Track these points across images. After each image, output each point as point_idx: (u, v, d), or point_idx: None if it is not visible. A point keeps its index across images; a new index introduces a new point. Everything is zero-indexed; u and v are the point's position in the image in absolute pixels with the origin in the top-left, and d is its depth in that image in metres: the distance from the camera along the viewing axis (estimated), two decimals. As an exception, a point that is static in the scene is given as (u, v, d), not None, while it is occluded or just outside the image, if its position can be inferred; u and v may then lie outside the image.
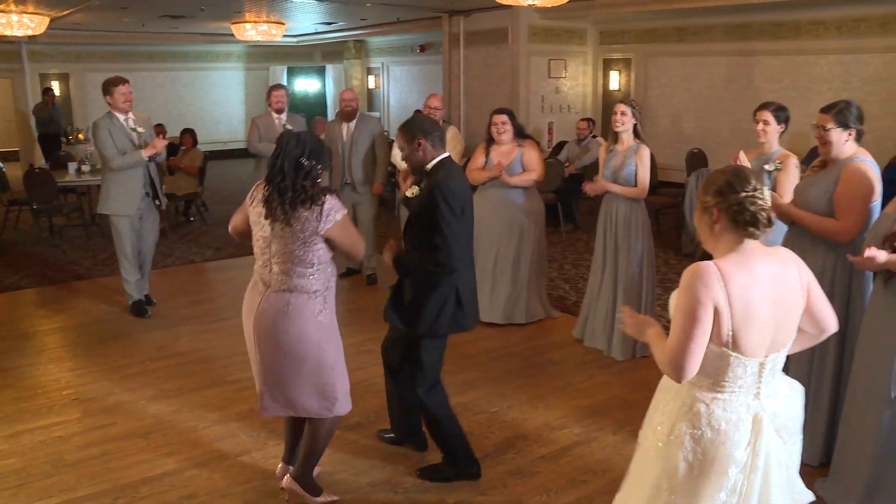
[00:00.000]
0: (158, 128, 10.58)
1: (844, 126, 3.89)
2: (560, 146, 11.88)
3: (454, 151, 7.04)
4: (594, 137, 11.09)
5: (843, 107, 3.91)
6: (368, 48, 18.65)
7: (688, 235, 8.65)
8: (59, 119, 15.58)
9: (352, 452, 4.37)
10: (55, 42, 16.11)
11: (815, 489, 3.83)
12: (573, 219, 10.43)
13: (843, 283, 3.99)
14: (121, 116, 6.41)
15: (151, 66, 18.38)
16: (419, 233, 3.77)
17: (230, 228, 3.84)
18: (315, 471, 3.95)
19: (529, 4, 8.72)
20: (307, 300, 3.54)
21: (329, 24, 16.10)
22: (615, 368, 5.59)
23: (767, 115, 4.73)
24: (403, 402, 4.26)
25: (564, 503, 3.90)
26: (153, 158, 6.54)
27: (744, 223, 2.38)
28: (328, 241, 3.52)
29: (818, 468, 4.03)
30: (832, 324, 2.61)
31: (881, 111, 9.72)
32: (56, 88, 16.80)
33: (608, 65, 13.25)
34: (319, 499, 3.84)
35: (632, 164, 5.55)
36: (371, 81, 18.73)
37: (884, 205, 3.67)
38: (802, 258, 3.83)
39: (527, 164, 6.26)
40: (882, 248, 3.36)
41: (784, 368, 2.65)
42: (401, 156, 4.00)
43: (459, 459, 4.09)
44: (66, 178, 10.44)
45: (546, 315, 6.66)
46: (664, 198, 9.95)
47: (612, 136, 5.77)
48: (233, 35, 14.83)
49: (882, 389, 3.48)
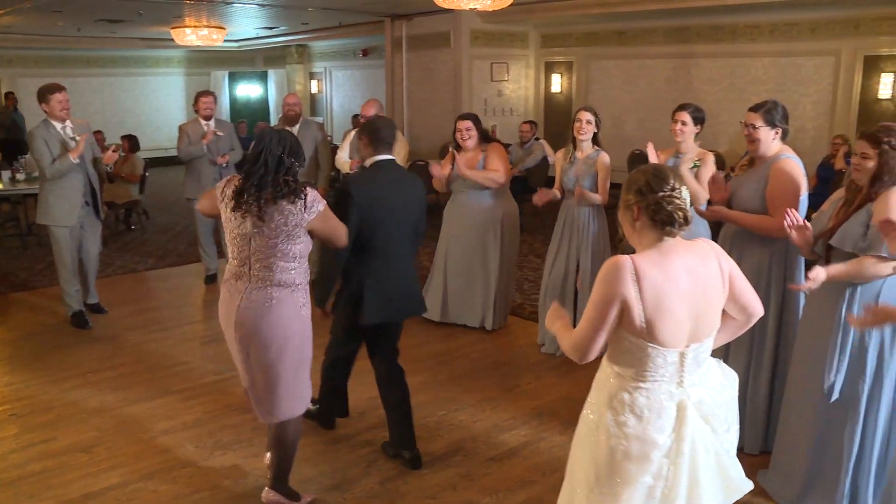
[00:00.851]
0: (97, 135, 10.36)
1: (772, 125, 4.05)
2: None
3: (399, 156, 7.02)
4: (537, 140, 11.20)
5: (771, 106, 4.07)
6: (311, 53, 18.56)
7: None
8: (23, 124, 14.91)
9: (301, 458, 4.34)
10: (-16, 46, 15.70)
11: (757, 480, 3.95)
12: (518, 221, 10.47)
13: (779, 278, 4.12)
14: (57, 125, 6.24)
15: (88, 72, 18.01)
16: None
17: (199, 207, 3.80)
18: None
19: (471, 8, 8.75)
20: (290, 294, 3.53)
21: (271, 29, 15.99)
22: (563, 369, 5.64)
23: (685, 116, 4.93)
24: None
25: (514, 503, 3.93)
26: (97, 166, 6.44)
27: (661, 222, 2.47)
28: (311, 233, 3.54)
29: (758, 456, 4.16)
30: (758, 308, 2.71)
31: (814, 111, 10.03)
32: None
33: (550, 68, 13.39)
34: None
35: (593, 172, 5.53)
36: (314, 86, 18.64)
37: (819, 202, 3.78)
38: (740, 256, 3.95)
39: (488, 167, 6.16)
40: (816, 247, 3.50)
41: (725, 360, 2.73)
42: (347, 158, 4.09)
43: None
44: (0, 187, 10.14)
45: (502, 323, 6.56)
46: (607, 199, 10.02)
47: (573, 144, 5.68)
48: (172, 40, 14.60)
49: (818, 383, 3.58)
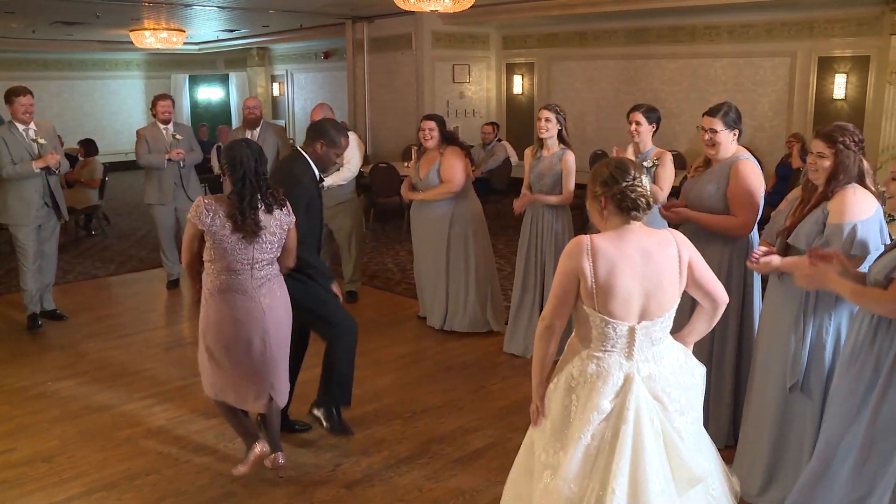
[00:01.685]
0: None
1: (731, 127, 4.13)
2: (466, 150, 11.99)
3: (354, 158, 7.04)
4: (499, 141, 11.26)
5: (728, 109, 4.15)
6: (272, 55, 18.45)
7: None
8: None
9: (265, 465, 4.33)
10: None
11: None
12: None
13: (739, 275, 4.22)
14: (21, 127, 6.29)
15: (45, 75, 17.70)
16: None
17: (185, 265, 3.93)
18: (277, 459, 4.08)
19: (432, 10, 8.77)
20: (281, 281, 3.99)
21: (231, 32, 15.87)
22: (528, 369, 5.58)
23: (639, 116, 4.98)
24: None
25: (481, 504, 3.95)
26: (50, 171, 6.38)
27: (626, 208, 2.72)
28: (289, 232, 3.91)
29: (723, 450, 4.22)
30: (722, 295, 2.90)
31: (771, 111, 10.20)
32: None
33: (511, 69, 13.45)
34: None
35: (558, 170, 5.55)
36: (275, 89, 18.52)
37: (778, 201, 3.86)
38: (702, 252, 4.08)
39: (441, 174, 6.11)
40: (776, 244, 3.56)
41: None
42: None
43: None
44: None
45: (491, 326, 6.44)
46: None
47: (538, 143, 5.71)
48: (132, 42, 14.44)
49: (779, 378, 3.64)
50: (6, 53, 16.73)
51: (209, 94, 20.19)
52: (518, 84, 13.30)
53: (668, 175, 5.01)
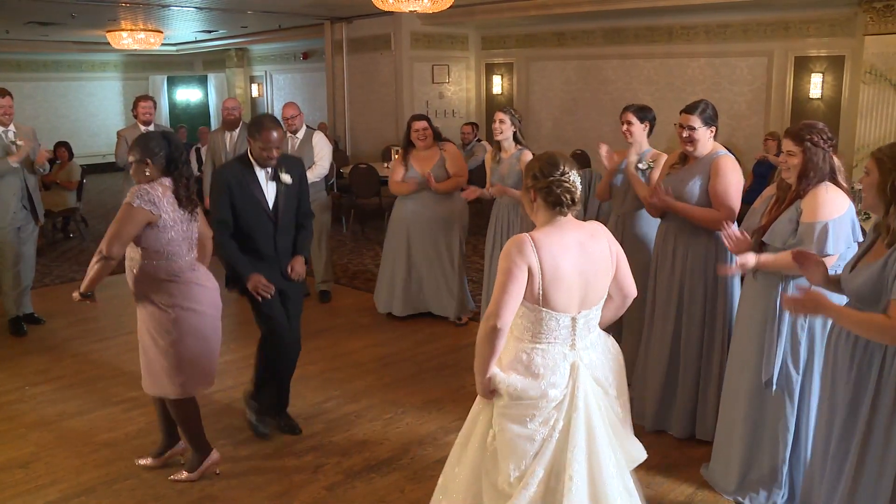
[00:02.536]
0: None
1: (708, 124, 4.20)
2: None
3: (325, 157, 7.16)
4: (479, 142, 11.27)
5: (705, 107, 4.22)
6: (251, 56, 18.38)
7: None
8: None
9: (247, 467, 4.32)
10: None
11: (700, 474, 4.05)
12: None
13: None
14: None
15: (19, 76, 17.50)
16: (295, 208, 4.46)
17: (115, 257, 3.87)
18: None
19: (411, 11, 8.78)
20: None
21: (209, 32, 15.80)
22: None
23: (630, 116, 4.92)
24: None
25: (461, 504, 3.95)
26: (34, 170, 6.38)
27: (552, 203, 2.81)
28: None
29: (686, 441, 4.40)
30: (632, 290, 3.03)
31: (748, 111, 10.27)
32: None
33: (490, 69, 13.47)
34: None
35: (518, 170, 5.67)
36: (254, 90, 18.45)
37: (755, 199, 3.90)
38: (687, 246, 4.21)
39: (451, 169, 6.40)
40: (751, 242, 3.59)
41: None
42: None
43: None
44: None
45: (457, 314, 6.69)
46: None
47: (496, 145, 5.95)
48: (108, 43, 14.33)
49: (753, 373, 3.68)
50: (-22, 54, 16.60)
51: (188, 96, 20.09)
52: (497, 84, 13.33)
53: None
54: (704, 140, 4.22)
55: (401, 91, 12.65)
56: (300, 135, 7.14)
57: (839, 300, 2.97)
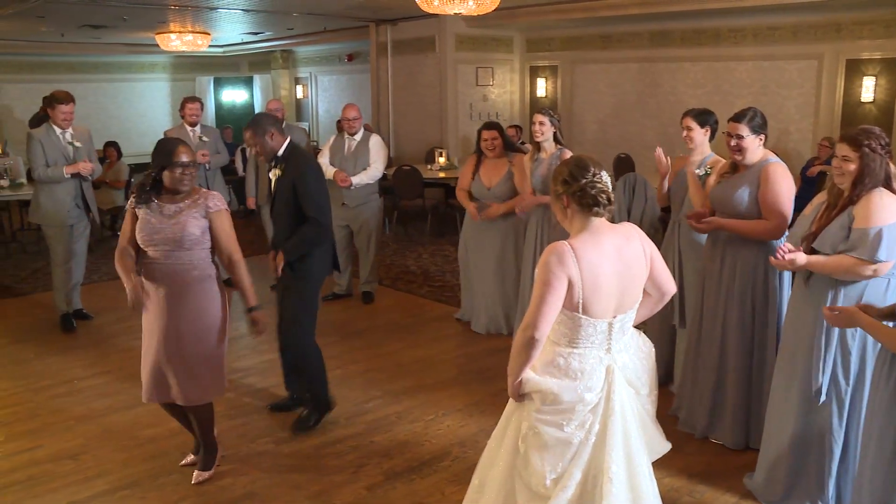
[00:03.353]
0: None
1: (757, 132, 4.13)
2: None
3: (379, 159, 7.13)
4: (523, 144, 11.22)
5: (753, 115, 4.14)
6: (296, 58, 18.53)
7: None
8: None
9: (288, 464, 4.34)
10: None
11: (744, 484, 3.98)
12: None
13: (774, 279, 4.23)
14: (58, 130, 6.48)
15: (72, 78, 17.80)
16: (292, 204, 4.53)
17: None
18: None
19: (456, 13, 8.78)
20: None
21: (256, 34, 15.95)
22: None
23: (689, 121, 4.79)
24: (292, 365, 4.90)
25: (501, 508, 3.93)
26: (81, 177, 6.55)
27: (588, 205, 2.78)
28: None
29: (740, 452, 4.29)
30: (671, 287, 3.01)
31: (797, 114, 10.09)
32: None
33: (535, 72, 13.42)
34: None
35: None
36: (299, 91, 18.59)
37: (804, 205, 3.83)
38: (736, 254, 4.19)
39: (517, 184, 6.16)
40: (800, 249, 3.51)
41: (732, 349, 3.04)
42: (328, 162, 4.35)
43: (321, 401, 4.76)
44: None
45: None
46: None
47: (535, 146, 5.90)
48: (157, 45, 14.56)
49: (802, 382, 3.61)
50: (35, 56, 16.95)
51: (233, 97, 20.30)
52: (542, 87, 13.27)
53: None
54: (753, 148, 4.15)
55: (445, 93, 12.66)
56: (358, 136, 7.19)
57: None
